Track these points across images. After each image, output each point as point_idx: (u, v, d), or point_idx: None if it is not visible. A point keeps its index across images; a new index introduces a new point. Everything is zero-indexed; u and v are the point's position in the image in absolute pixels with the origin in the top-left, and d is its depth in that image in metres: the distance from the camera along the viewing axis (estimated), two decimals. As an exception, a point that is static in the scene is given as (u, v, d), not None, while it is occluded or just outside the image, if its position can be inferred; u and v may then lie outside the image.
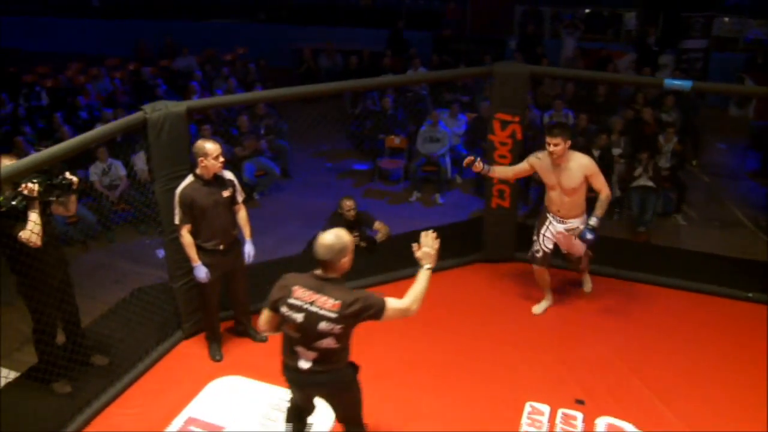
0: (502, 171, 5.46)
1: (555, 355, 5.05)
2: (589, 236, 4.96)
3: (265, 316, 3.40)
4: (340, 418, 3.66)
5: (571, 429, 4.38)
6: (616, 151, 8.31)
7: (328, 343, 3.22)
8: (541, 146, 5.13)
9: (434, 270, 5.85)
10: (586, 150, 8.04)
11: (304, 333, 3.23)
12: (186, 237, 4.64)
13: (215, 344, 5.07)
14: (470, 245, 6.34)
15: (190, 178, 4.60)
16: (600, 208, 4.97)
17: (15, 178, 3.87)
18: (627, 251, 6.61)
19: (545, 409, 4.53)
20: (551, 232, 5.23)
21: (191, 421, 4.45)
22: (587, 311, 5.59)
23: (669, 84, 5.27)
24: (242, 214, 4.88)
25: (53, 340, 4.61)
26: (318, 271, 3.25)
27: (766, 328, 5.22)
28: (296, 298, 3.22)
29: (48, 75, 11.25)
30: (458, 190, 9.08)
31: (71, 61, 12.23)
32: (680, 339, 5.25)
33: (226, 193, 4.69)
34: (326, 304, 3.17)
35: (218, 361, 5.01)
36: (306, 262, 3.53)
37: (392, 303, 3.24)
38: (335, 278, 3.23)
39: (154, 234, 7.79)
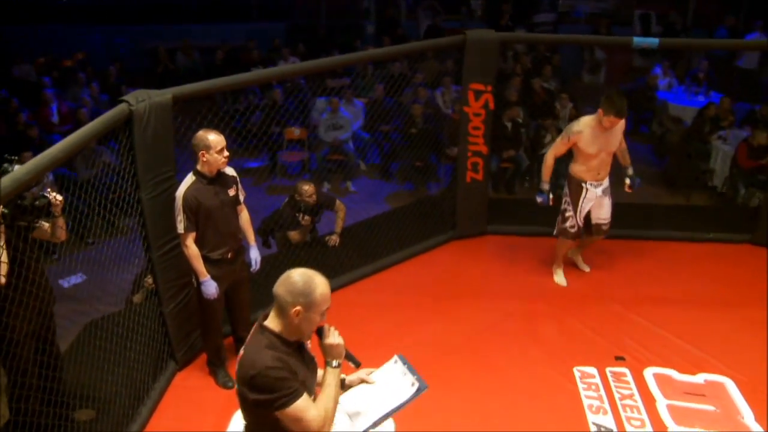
0: (548, 169, 5.20)
1: (573, 319, 5.03)
2: (638, 181, 5.26)
3: None
4: None
5: (625, 385, 4.35)
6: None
7: (244, 407, 2.44)
8: (443, 125, 4.96)
9: (414, 254, 5.82)
10: (496, 121, 8.21)
11: None
12: (192, 248, 3.96)
13: (222, 370, 4.39)
14: (438, 224, 6.13)
15: (190, 178, 3.94)
16: (628, 157, 5.23)
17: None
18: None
19: (593, 371, 4.48)
20: (589, 201, 5.12)
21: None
22: (573, 274, 5.61)
23: (638, 42, 5.40)
24: (245, 216, 4.28)
25: (31, 393, 3.69)
26: (269, 313, 2.41)
27: (730, 262, 5.74)
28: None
29: None
30: (364, 177, 8.83)
31: None
32: (668, 284, 5.47)
33: (231, 192, 4.08)
34: (240, 355, 2.37)
35: (231, 388, 4.33)
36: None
37: (301, 410, 2.29)
38: (272, 330, 2.34)
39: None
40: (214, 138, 3.87)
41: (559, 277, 5.50)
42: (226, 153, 3.92)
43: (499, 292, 5.37)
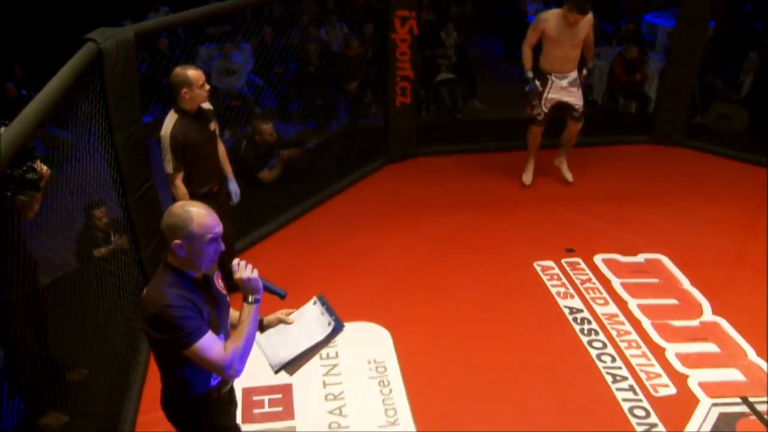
0: (528, 58, 5.60)
1: (521, 222, 5.46)
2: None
3: None
4: None
5: (581, 272, 4.84)
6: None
7: (151, 345, 2.37)
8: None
9: (349, 184, 5.92)
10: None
11: None
12: (181, 187, 3.90)
13: (205, 309, 4.36)
14: (368, 152, 6.29)
15: (174, 116, 3.87)
16: (592, 52, 5.71)
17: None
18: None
19: (551, 264, 4.92)
20: (555, 91, 5.56)
21: (250, 392, 3.83)
22: (503, 183, 6.05)
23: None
24: (222, 149, 4.26)
25: (31, 364, 3.52)
26: None
27: (638, 160, 6.47)
28: None
29: None
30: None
31: None
32: (593, 183, 6.04)
33: (212, 127, 4.04)
34: (144, 292, 2.27)
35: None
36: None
37: (204, 348, 2.17)
38: (174, 266, 2.26)
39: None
40: (194, 73, 3.79)
41: (527, 175, 5.96)
42: (207, 87, 3.86)
43: (447, 206, 5.67)
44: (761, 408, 3.65)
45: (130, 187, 3.93)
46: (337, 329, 2.51)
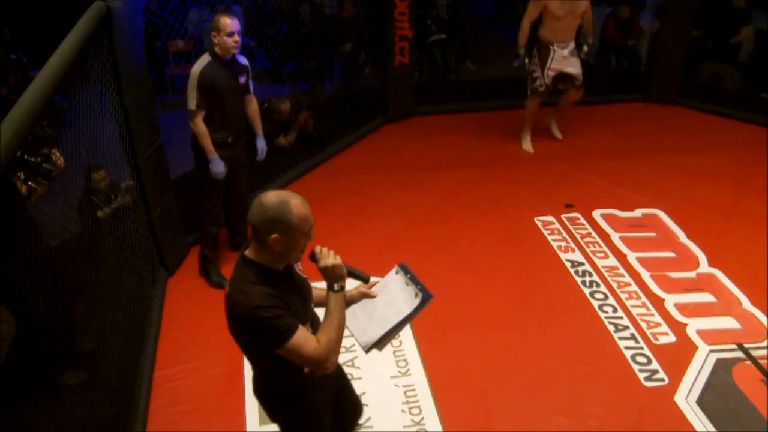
0: (525, 35, 5.59)
1: (520, 179, 5.56)
2: (592, 51, 5.92)
3: None
4: None
5: (581, 227, 4.94)
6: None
7: (239, 343, 2.24)
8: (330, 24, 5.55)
9: (349, 144, 5.96)
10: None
11: None
12: (201, 126, 3.98)
13: (214, 267, 4.40)
14: (367, 112, 6.33)
15: (206, 58, 3.94)
16: (591, 27, 5.81)
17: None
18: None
19: (552, 219, 5.02)
20: (557, 61, 5.61)
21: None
22: (501, 141, 6.13)
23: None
24: (254, 105, 4.34)
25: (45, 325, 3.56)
26: (249, 243, 2.18)
27: (633, 118, 6.56)
28: None
29: None
30: (254, 82, 8.67)
31: None
32: (590, 141, 6.14)
33: (242, 80, 4.12)
34: (226, 289, 2.16)
35: (226, 288, 4.34)
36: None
37: (298, 345, 2.09)
38: (257, 262, 2.12)
39: None
40: (225, 21, 3.87)
41: (527, 144, 6.00)
42: (236, 38, 3.91)
43: (447, 164, 5.76)
44: (756, 353, 3.79)
45: (139, 147, 3.96)
46: (426, 299, 2.37)
